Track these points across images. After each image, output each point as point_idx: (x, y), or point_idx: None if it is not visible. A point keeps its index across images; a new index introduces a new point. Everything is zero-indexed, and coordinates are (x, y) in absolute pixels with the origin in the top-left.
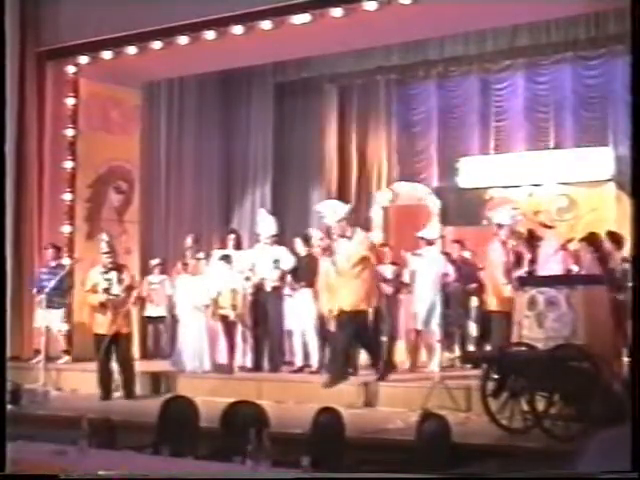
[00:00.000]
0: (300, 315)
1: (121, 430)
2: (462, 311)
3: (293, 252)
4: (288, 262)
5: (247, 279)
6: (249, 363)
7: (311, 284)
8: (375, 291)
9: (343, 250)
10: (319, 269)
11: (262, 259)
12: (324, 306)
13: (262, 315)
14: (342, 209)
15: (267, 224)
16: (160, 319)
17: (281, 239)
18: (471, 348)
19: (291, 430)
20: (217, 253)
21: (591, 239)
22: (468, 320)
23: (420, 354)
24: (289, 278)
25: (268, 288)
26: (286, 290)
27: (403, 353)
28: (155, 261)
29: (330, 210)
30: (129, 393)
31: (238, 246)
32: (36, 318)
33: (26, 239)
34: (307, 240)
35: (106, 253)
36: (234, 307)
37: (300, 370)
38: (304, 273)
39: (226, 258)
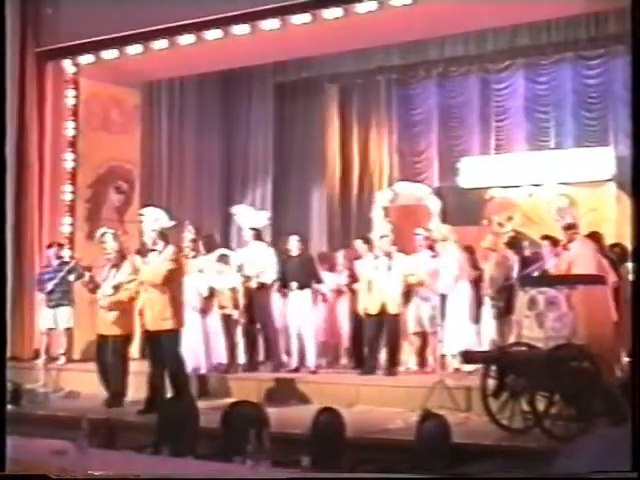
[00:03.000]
0: (296, 316)
1: (121, 430)
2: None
3: (286, 252)
4: (271, 267)
5: (246, 278)
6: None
7: (306, 285)
8: (181, 310)
9: (151, 264)
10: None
11: (251, 258)
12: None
13: (257, 315)
14: (161, 219)
15: (248, 218)
16: None
17: (277, 239)
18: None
19: (291, 430)
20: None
21: (594, 238)
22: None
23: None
24: (279, 280)
25: (258, 287)
26: (277, 291)
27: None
28: None
29: (151, 217)
30: (111, 400)
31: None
32: (43, 318)
33: (26, 239)
34: (303, 240)
35: (108, 249)
36: (235, 306)
37: (296, 370)
38: (298, 273)
39: (224, 257)
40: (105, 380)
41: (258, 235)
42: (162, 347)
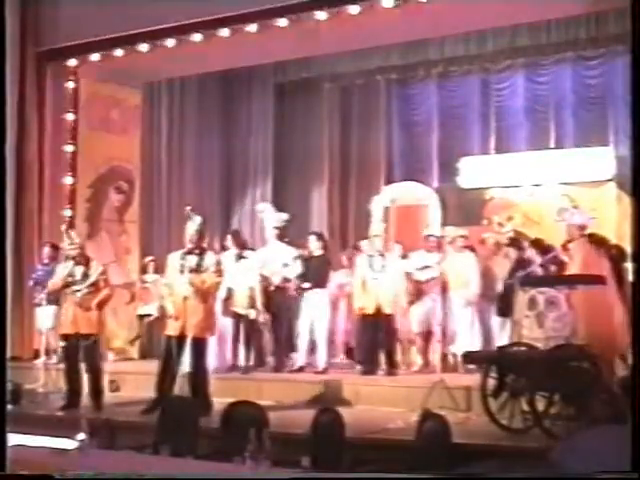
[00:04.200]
0: (311, 315)
1: (121, 430)
2: None
3: (305, 251)
4: (296, 266)
5: (266, 277)
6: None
7: (323, 284)
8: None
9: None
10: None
11: (272, 258)
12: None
13: (274, 314)
14: (196, 222)
15: (273, 217)
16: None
17: (291, 238)
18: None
19: (291, 430)
20: (226, 254)
21: (597, 239)
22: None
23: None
24: (297, 279)
25: (276, 287)
26: (296, 290)
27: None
28: (148, 259)
29: (193, 221)
30: (95, 401)
31: (241, 246)
32: (41, 317)
33: (26, 239)
34: (321, 239)
35: (72, 244)
36: (251, 305)
37: (300, 370)
38: (316, 273)
39: (243, 257)
40: (70, 380)
41: (280, 235)
42: (185, 351)
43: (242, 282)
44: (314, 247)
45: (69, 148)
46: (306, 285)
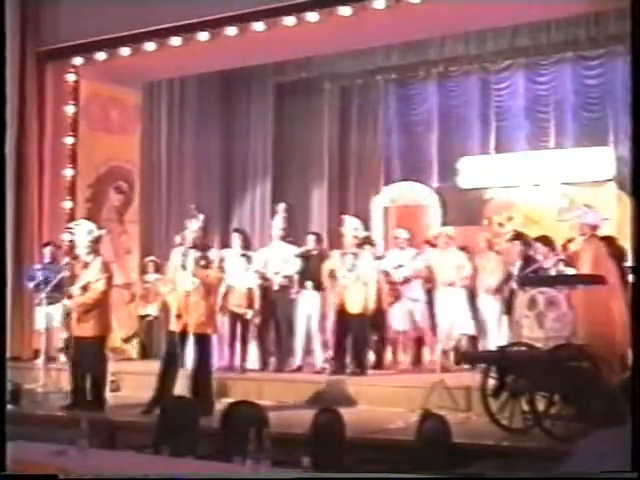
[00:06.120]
0: (307, 315)
1: (121, 430)
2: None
3: (304, 251)
4: (295, 264)
5: (263, 278)
6: (256, 363)
7: (319, 284)
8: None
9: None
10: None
11: (274, 257)
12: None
13: (276, 314)
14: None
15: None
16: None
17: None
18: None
19: (291, 430)
20: (228, 252)
21: (605, 238)
22: None
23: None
24: (296, 278)
25: (278, 287)
26: (294, 290)
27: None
28: (148, 259)
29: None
30: (96, 402)
31: (246, 246)
32: (41, 316)
33: (26, 239)
34: (319, 239)
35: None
36: (249, 306)
37: (299, 369)
38: (313, 273)
39: (245, 256)
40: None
41: (283, 235)
42: (187, 349)
43: (241, 281)
44: (312, 247)
45: (69, 148)
46: (308, 284)
